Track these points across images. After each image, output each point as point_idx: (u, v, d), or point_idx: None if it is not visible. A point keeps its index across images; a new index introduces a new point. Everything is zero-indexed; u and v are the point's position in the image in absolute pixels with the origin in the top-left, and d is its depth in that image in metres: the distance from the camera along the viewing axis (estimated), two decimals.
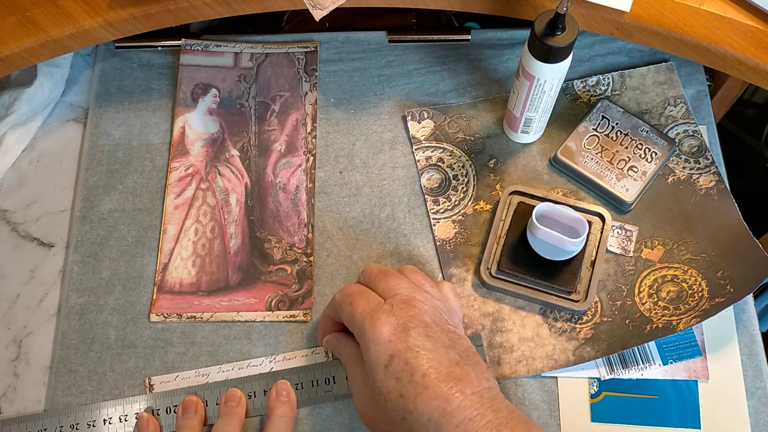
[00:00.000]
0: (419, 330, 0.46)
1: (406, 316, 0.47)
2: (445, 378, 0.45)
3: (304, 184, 0.63)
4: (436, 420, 0.44)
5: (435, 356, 0.45)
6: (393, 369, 0.45)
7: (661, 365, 0.55)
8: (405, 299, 0.48)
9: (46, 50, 0.59)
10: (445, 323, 0.49)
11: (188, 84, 0.66)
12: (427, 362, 0.45)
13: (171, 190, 0.62)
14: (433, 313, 0.49)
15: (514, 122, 0.61)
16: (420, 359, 0.45)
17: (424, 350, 0.45)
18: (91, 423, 0.54)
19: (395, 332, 0.46)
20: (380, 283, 0.50)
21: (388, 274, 0.51)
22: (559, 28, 0.51)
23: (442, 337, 0.47)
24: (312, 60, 0.68)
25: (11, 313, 0.59)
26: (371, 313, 0.47)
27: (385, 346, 0.46)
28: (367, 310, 0.48)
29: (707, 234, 0.59)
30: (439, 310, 0.50)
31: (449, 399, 0.44)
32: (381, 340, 0.46)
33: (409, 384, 0.44)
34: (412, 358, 0.45)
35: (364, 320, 0.47)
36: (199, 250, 0.60)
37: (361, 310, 0.48)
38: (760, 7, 0.56)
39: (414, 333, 0.46)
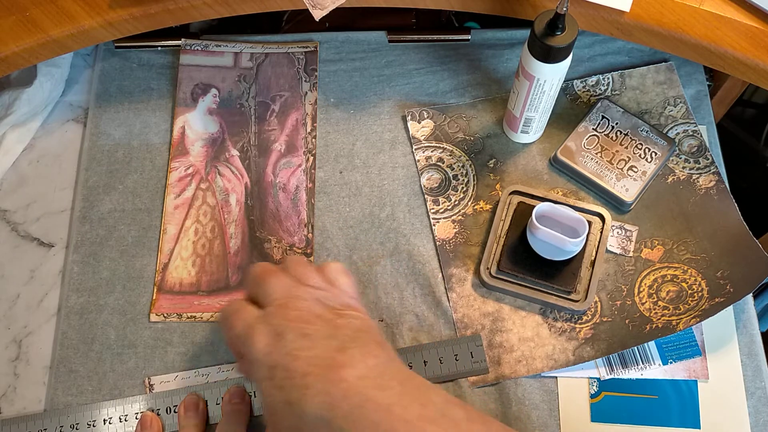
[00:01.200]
0: (295, 332, 0.45)
1: (281, 322, 0.45)
2: (326, 371, 0.42)
3: (304, 184, 0.63)
4: (325, 416, 0.41)
5: (314, 353, 0.43)
6: (276, 380, 0.43)
7: (661, 365, 0.55)
8: (281, 303, 0.47)
9: (46, 50, 0.59)
10: (330, 311, 0.47)
11: (188, 84, 0.66)
12: (305, 362, 0.43)
13: (171, 190, 0.62)
14: (315, 305, 0.47)
15: (514, 122, 0.61)
16: (298, 361, 0.43)
17: (301, 350, 0.44)
18: (91, 423, 0.54)
19: (271, 342, 0.44)
20: (257, 289, 0.49)
21: (265, 277, 0.49)
22: (559, 28, 0.51)
23: (323, 329, 0.45)
24: (312, 60, 0.68)
25: (11, 313, 0.59)
26: (246, 330, 0.46)
27: (264, 359, 0.44)
28: (243, 329, 0.46)
29: (707, 234, 0.59)
30: (322, 299, 0.48)
31: (331, 392, 0.41)
32: (259, 356, 0.44)
33: (292, 389, 0.43)
34: (290, 363, 0.43)
35: (242, 341, 0.46)
36: (199, 250, 0.60)
37: (238, 332, 0.47)
38: (760, 7, 0.56)
39: (290, 337, 0.44)
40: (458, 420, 0.41)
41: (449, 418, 0.41)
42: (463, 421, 0.41)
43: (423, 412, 0.41)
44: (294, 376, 0.43)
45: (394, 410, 0.41)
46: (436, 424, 0.40)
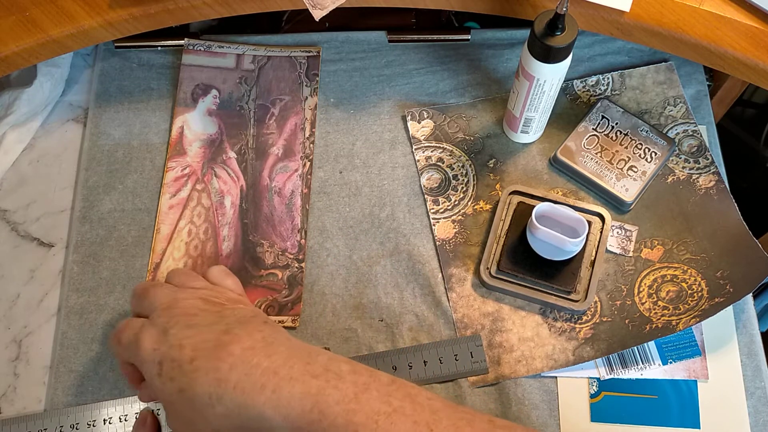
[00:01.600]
0: (179, 325, 0.46)
1: (166, 320, 0.46)
2: (212, 352, 0.44)
3: (300, 189, 0.63)
4: (216, 392, 0.42)
5: (199, 339, 0.45)
6: (165, 373, 0.44)
7: (661, 365, 0.55)
8: (165, 306, 0.48)
9: (46, 50, 0.59)
10: (215, 305, 0.48)
11: (189, 84, 0.66)
12: (191, 348, 0.44)
13: (166, 189, 0.62)
14: (198, 303, 0.48)
15: (514, 122, 0.61)
16: (184, 350, 0.44)
17: (186, 339, 0.45)
18: (91, 423, 0.54)
19: (154, 340, 0.45)
20: (142, 303, 0.50)
21: (146, 291, 0.50)
22: (558, 28, 0.51)
23: (208, 317, 0.46)
24: (314, 64, 0.68)
25: (11, 313, 0.59)
26: (133, 337, 0.47)
27: (151, 356, 0.45)
28: (129, 337, 0.47)
29: (707, 234, 0.59)
30: (206, 298, 0.49)
31: (219, 367, 0.43)
32: (146, 355, 0.45)
33: (182, 376, 0.44)
34: (176, 353, 0.44)
35: (131, 347, 0.47)
36: (191, 251, 0.60)
37: (126, 341, 0.47)
38: (760, 7, 0.56)
39: (174, 330, 0.45)
40: (342, 373, 0.43)
41: (333, 372, 0.43)
42: (347, 373, 0.43)
43: (307, 369, 0.42)
44: (182, 364, 0.44)
45: (279, 371, 0.42)
46: (318, 377, 0.42)
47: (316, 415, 0.41)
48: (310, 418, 0.41)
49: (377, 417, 0.40)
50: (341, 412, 0.41)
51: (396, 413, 0.41)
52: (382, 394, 0.42)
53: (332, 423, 0.41)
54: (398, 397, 0.42)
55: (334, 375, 0.42)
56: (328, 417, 0.41)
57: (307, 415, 0.41)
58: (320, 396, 0.41)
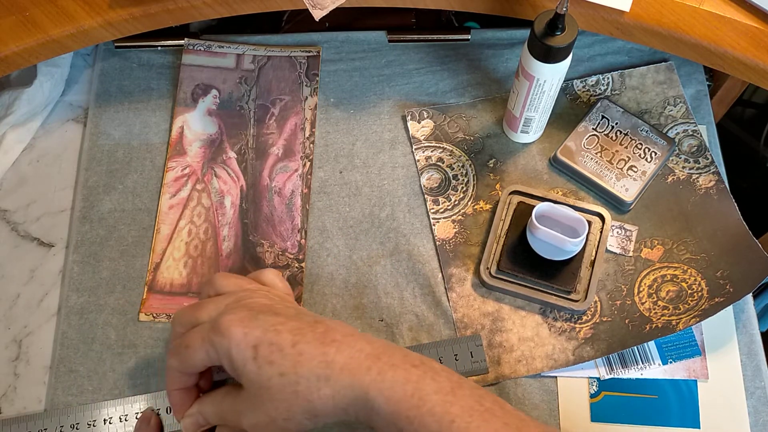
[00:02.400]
0: (265, 312, 0.46)
1: (245, 310, 0.46)
2: (312, 337, 0.45)
3: (300, 189, 0.63)
4: (323, 374, 0.44)
5: (293, 325, 0.45)
6: (262, 356, 0.44)
7: (661, 365, 0.55)
8: (234, 301, 0.48)
9: (46, 50, 0.59)
10: (283, 302, 0.49)
11: (189, 84, 0.66)
12: (289, 333, 0.45)
13: (166, 189, 0.62)
14: (266, 298, 0.48)
15: (514, 122, 0.61)
16: (282, 333, 0.45)
17: (280, 324, 0.45)
18: (92, 423, 0.54)
19: (245, 324, 0.45)
20: (198, 315, 0.48)
21: (201, 303, 0.49)
22: (558, 28, 0.51)
23: (289, 310, 0.47)
24: (314, 64, 0.68)
25: (11, 313, 0.59)
26: (212, 328, 0.46)
27: (244, 340, 0.45)
28: (206, 332, 0.46)
29: (707, 234, 0.59)
30: (269, 297, 0.49)
31: (326, 351, 0.44)
32: (237, 339, 0.45)
33: (284, 359, 0.44)
34: (274, 337, 0.44)
35: (212, 339, 0.45)
36: (192, 251, 0.60)
37: (202, 338, 0.46)
38: (760, 7, 0.56)
39: (262, 316, 0.46)
40: (436, 369, 0.45)
41: (428, 366, 0.45)
42: (440, 370, 0.45)
43: (406, 359, 0.45)
44: (283, 347, 0.44)
45: (382, 357, 0.44)
46: (417, 368, 0.44)
47: (416, 400, 0.43)
48: (410, 402, 0.43)
49: (472, 412, 0.43)
50: (439, 401, 0.43)
51: (488, 413, 0.43)
52: (474, 394, 0.44)
53: (430, 410, 0.42)
54: (489, 400, 0.44)
55: (430, 368, 0.45)
56: (426, 404, 0.43)
57: (408, 399, 0.43)
58: (420, 384, 0.43)
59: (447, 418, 0.42)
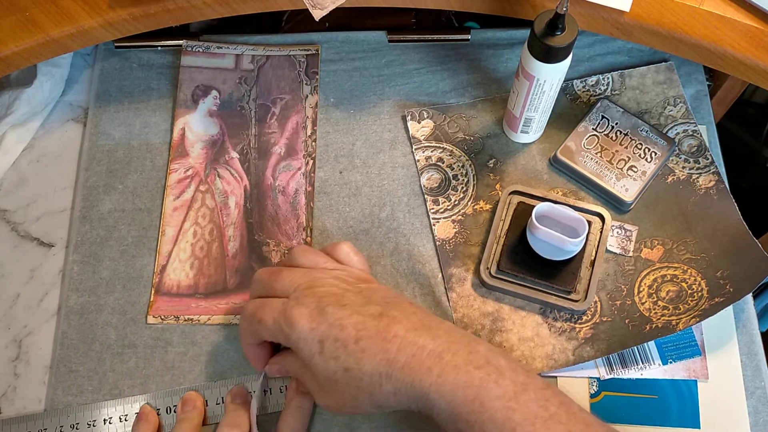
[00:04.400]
0: (332, 305, 0.47)
1: (314, 300, 0.47)
2: (375, 333, 0.45)
3: (303, 187, 0.63)
4: (385, 372, 0.44)
5: (358, 319, 0.46)
6: (327, 351, 0.46)
7: (661, 365, 0.55)
8: (306, 285, 0.49)
9: (46, 50, 0.59)
10: (353, 285, 0.50)
11: (189, 85, 0.66)
12: (353, 329, 0.46)
13: (170, 191, 0.62)
14: (338, 283, 0.49)
15: (514, 122, 0.61)
16: (346, 329, 0.46)
17: (345, 320, 0.46)
18: (91, 423, 0.54)
19: (312, 318, 0.47)
20: (275, 284, 0.50)
21: (279, 272, 0.51)
22: (558, 28, 0.51)
23: (356, 299, 0.48)
24: (313, 63, 0.68)
25: (11, 313, 0.59)
26: (282, 315, 0.48)
27: (311, 335, 0.46)
28: (277, 315, 0.48)
29: (707, 234, 0.59)
30: (341, 277, 0.50)
31: (388, 349, 0.45)
32: (304, 333, 0.46)
33: (348, 356, 0.45)
34: (339, 333, 0.46)
35: (281, 326, 0.47)
36: (197, 253, 0.60)
37: (273, 319, 0.48)
38: (760, 7, 0.56)
39: (329, 309, 0.47)
40: (502, 368, 0.44)
41: (494, 366, 0.44)
42: (506, 369, 0.44)
43: (470, 358, 0.44)
44: (347, 344, 0.45)
45: (444, 356, 0.44)
46: (481, 369, 0.44)
47: (477, 406, 0.43)
48: (471, 407, 0.43)
49: (534, 420, 0.42)
50: (501, 408, 0.42)
51: (552, 419, 0.42)
52: (539, 397, 0.43)
53: (491, 417, 0.42)
54: (554, 403, 0.43)
55: (495, 369, 0.44)
56: (488, 410, 0.42)
57: (469, 404, 0.43)
58: (482, 388, 0.43)
59: (508, 425, 0.42)
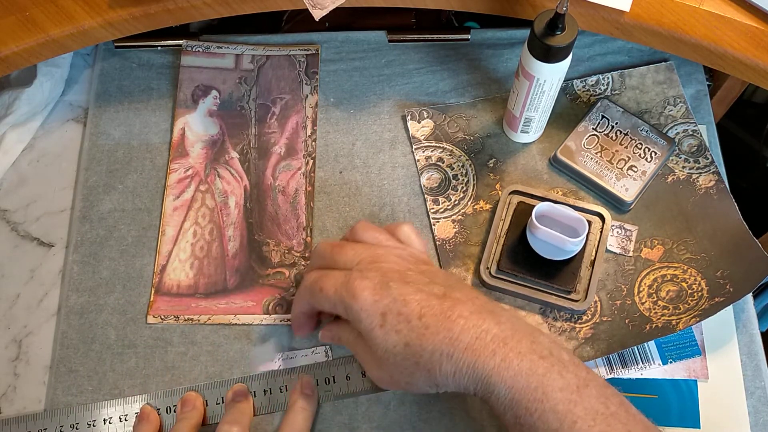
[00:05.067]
0: (396, 281, 0.47)
1: (378, 274, 0.48)
2: (439, 311, 0.45)
3: (303, 187, 0.63)
4: (446, 351, 0.44)
5: (422, 297, 0.46)
6: (389, 324, 0.46)
7: (661, 365, 0.55)
8: (370, 260, 0.49)
9: (46, 50, 0.59)
10: (415, 264, 0.50)
11: (189, 85, 0.66)
12: (417, 305, 0.46)
13: (170, 191, 0.62)
14: (401, 261, 0.49)
15: (514, 122, 0.61)
16: (410, 305, 0.46)
17: (409, 295, 0.46)
18: (91, 423, 0.54)
19: (376, 291, 0.47)
20: (338, 257, 0.51)
21: (342, 246, 0.51)
22: (558, 27, 0.51)
23: (420, 278, 0.48)
24: (313, 63, 0.68)
25: (11, 313, 0.59)
26: (345, 285, 0.48)
27: (373, 307, 0.46)
28: (339, 285, 0.48)
29: (707, 233, 0.59)
30: (403, 257, 0.50)
31: (451, 328, 0.45)
32: (366, 305, 0.47)
33: (410, 331, 0.45)
34: (402, 307, 0.46)
35: (343, 296, 0.48)
36: (197, 252, 0.60)
37: (335, 290, 0.48)
38: (760, 7, 0.56)
39: (393, 285, 0.47)
40: (565, 361, 0.44)
41: (557, 358, 0.44)
42: (569, 363, 0.44)
43: (534, 347, 0.44)
44: (410, 319, 0.45)
45: (508, 342, 0.44)
46: (545, 359, 0.44)
47: (539, 394, 0.43)
48: (533, 396, 0.43)
49: (596, 415, 0.42)
50: (563, 399, 0.42)
51: (612, 417, 0.42)
52: (600, 394, 0.43)
53: (553, 408, 0.42)
54: (615, 402, 0.43)
55: (558, 361, 0.44)
56: (550, 400, 0.42)
57: (532, 392, 0.43)
58: (546, 378, 0.43)
59: (570, 417, 0.42)
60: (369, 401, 0.55)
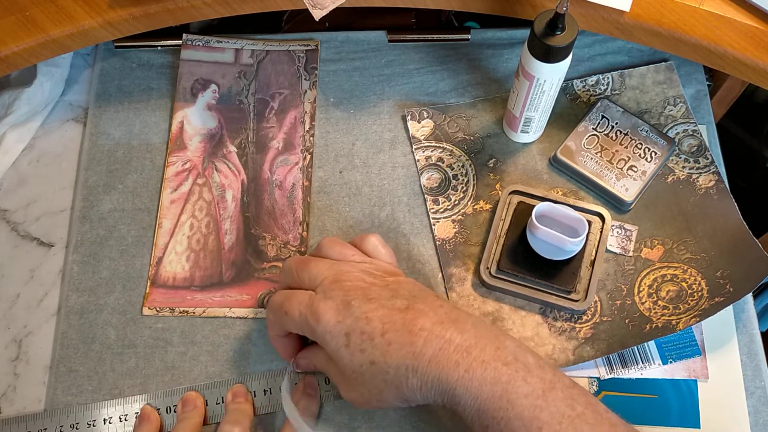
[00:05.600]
0: (359, 299, 0.47)
1: (341, 294, 0.47)
2: (401, 325, 0.45)
3: (301, 182, 0.63)
4: (411, 365, 0.44)
5: (384, 313, 0.46)
6: (354, 344, 0.46)
7: (661, 365, 0.55)
8: (332, 279, 0.49)
9: (46, 50, 0.59)
10: (380, 278, 0.49)
11: (188, 79, 0.67)
12: (379, 322, 0.45)
13: (167, 184, 0.62)
14: (365, 277, 0.49)
15: (514, 122, 0.61)
16: (372, 322, 0.46)
17: (371, 313, 0.46)
18: (91, 423, 0.54)
19: (339, 312, 0.47)
20: (302, 275, 0.50)
21: (307, 263, 0.51)
22: (558, 27, 0.51)
23: (383, 293, 0.48)
24: (312, 58, 0.68)
25: (11, 312, 0.59)
26: (308, 308, 0.48)
27: (337, 328, 0.46)
28: (303, 308, 0.48)
29: (707, 233, 0.59)
30: (368, 271, 0.50)
31: (413, 342, 0.44)
32: (330, 327, 0.46)
33: (374, 349, 0.45)
34: (365, 326, 0.46)
35: (307, 319, 0.48)
36: (194, 245, 0.60)
37: (299, 312, 0.48)
38: (760, 7, 0.56)
39: (355, 303, 0.46)
40: (530, 365, 0.44)
41: (522, 363, 0.44)
42: (534, 366, 0.44)
43: (498, 354, 0.44)
44: (373, 337, 0.45)
45: (472, 351, 0.44)
46: (509, 366, 0.43)
47: (504, 403, 0.43)
48: (498, 404, 0.43)
49: (561, 419, 0.42)
50: (528, 406, 0.42)
51: (579, 419, 0.42)
52: (566, 396, 0.43)
53: (518, 414, 0.42)
54: (581, 402, 0.43)
55: (523, 366, 0.44)
56: (515, 408, 0.42)
57: (496, 401, 0.43)
58: (510, 385, 0.43)
59: (535, 424, 0.42)
60: None
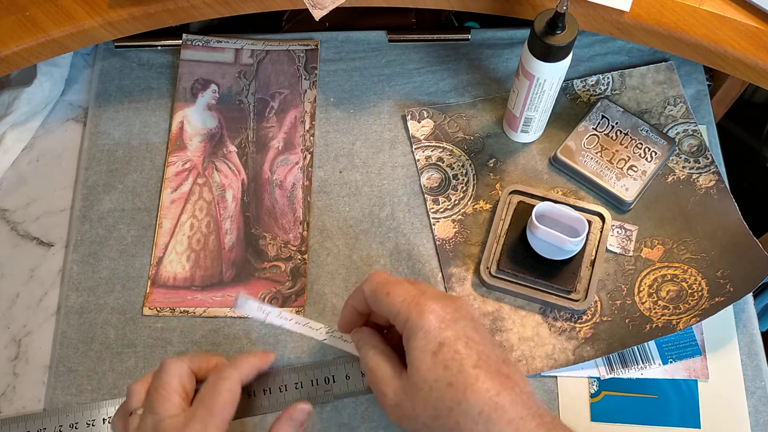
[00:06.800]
0: (467, 321, 0.45)
1: (451, 308, 0.46)
2: (495, 373, 0.43)
3: (301, 181, 0.63)
4: (488, 414, 0.42)
5: (485, 349, 0.44)
6: (442, 357, 0.43)
7: (661, 365, 0.55)
8: (444, 294, 0.47)
9: (46, 50, 0.59)
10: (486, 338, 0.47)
11: (188, 79, 0.67)
12: (477, 354, 0.44)
13: (168, 184, 0.62)
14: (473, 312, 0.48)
15: (514, 121, 0.61)
16: (471, 349, 0.44)
17: (473, 342, 0.44)
18: (91, 422, 0.54)
19: (444, 320, 0.45)
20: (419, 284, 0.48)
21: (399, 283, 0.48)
22: (558, 27, 0.51)
23: (488, 335, 0.46)
24: (312, 58, 0.68)
25: (11, 312, 0.59)
26: (415, 299, 0.46)
27: (435, 332, 0.44)
28: (410, 297, 0.46)
29: (707, 233, 0.59)
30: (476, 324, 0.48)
31: (501, 394, 0.42)
32: (430, 327, 0.44)
33: (459, 373, 0.43)
34: (462, 348, 0.44)
35: (410, 308, 0.45)
36: (194, 245, 0.60)
37: (403, 299, 0.46)
38: (760, 7, 0.56)
39: (462, 323, 0.45)
40: None
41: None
42: None
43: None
44: (464, 363, 0.43)
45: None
46: None
47: None
48: None
49: None
50: None
51: None
52: None
53: None
54: None
55: None
56: None
57: None
58: None
59: None
60: (369, 401, 0.55)
